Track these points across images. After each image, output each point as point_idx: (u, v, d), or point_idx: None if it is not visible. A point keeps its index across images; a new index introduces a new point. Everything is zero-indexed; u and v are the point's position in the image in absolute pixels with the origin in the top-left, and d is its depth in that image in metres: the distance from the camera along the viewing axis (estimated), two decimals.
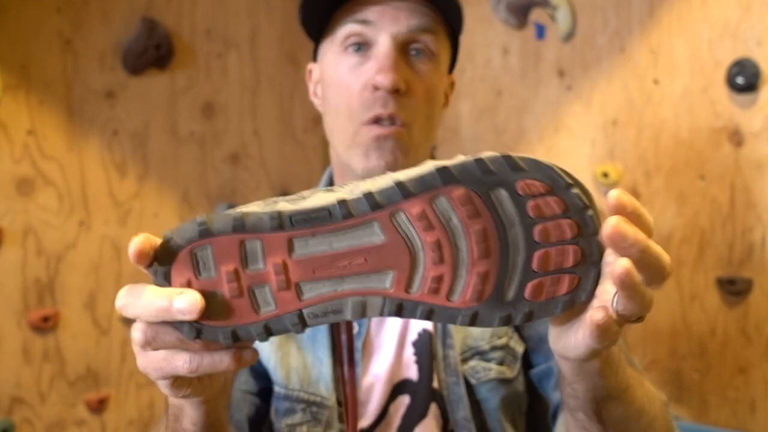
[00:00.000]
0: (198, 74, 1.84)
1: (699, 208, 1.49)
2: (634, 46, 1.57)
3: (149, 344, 0.44)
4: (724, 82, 1.44)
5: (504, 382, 0.77)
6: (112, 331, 1.69)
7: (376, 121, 0.71)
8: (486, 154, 0.43)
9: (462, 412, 0.75)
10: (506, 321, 0.44)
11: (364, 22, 0.72)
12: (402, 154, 0.72)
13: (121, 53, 1.70)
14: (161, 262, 0.43)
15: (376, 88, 0.71)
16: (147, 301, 0.42)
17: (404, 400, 0.77)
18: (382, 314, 0.43)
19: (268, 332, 0.43)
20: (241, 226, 0.42)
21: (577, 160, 1.68)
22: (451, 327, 0.77)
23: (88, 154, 1.66)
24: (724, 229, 1.46)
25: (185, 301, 0.41)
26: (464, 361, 0.77)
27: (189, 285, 0.43)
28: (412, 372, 0.77)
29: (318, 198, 0.43)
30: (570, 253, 0.44)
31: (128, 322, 1.70)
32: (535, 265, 0.43)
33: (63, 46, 1.63)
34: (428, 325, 0.78)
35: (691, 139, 1.50)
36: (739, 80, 1.40)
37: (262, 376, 0.79)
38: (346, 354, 0.77)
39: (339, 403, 0.75)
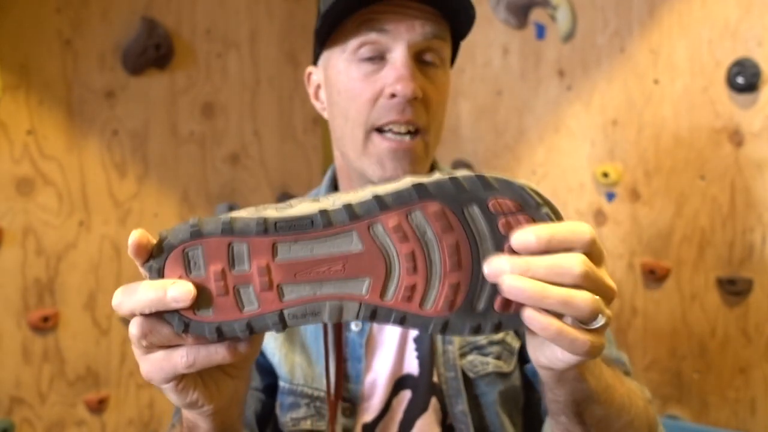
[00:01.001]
0: (198, 74, 1.84)
1: (699, 208, 1.49)
2: (634, 46, 1.57)
3: (145, 336, 0.46)
4: (724, 82, 1.44)
5: (501, 375, 0.79)
6: (112, 331, 1.69)
7: (390, 127, 0.73)
8: (460, 173, 0.46)
9: (460, 406, 0.77)
10: (476, 331, 0.46)
11: (381, 30, 0.72)
12: (418, 164, 0.74)
13: (121, 53, 1.70)
14: (156, 259, 0.46)
15: (393, 95, 0.71)
16: (142, 293, 0.45)
17: (406, 395, 0.79)
18: (357, 318, 0.46)
19: (250, 329, 0.46)
20: (229, 229, 0.45)
21: (577, 160, 1.68)
22: None
23: (88, 154, 1.66)
24: (724, 229, 1.46)
25: (178, 290, 0.45)
26: (462, 355, 0.79)
27: None
28: (413, 367, 0.79)
29: (303, 207, 0.47)
30: None
31: (128, 322, 1.70)
32: None
33: (63, 46, 1.63)
34: None
35: (691, 139, 1.50)
36: (740, 80, 1.40)
37: (267, 372, 0.80)
38: (333, 348, 0.78)
39: (343, 398, 0.77)
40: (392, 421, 0.79)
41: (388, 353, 0.80)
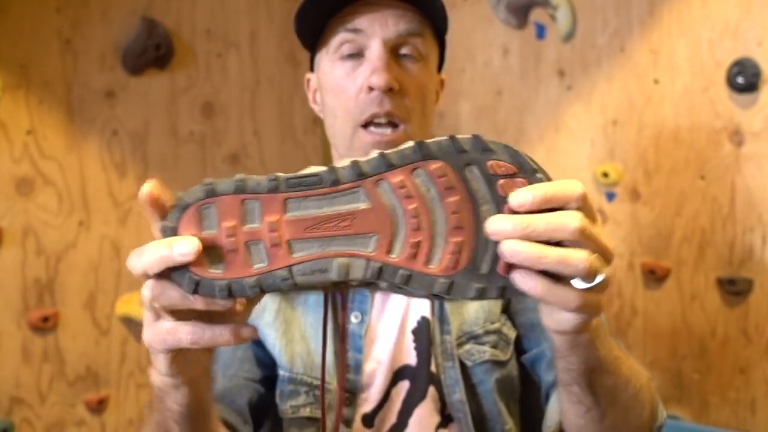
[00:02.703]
0: (198, 74, 1.84)
1: (699, 208, 1.49)
2: (634, 46, 1.57)
3: (156, 299, 0.48)
4: (724, 82, 1.44)
5: (497, 364, 0.82)
6: (112, 331, 1.69)
7: (373, 121, 0.77)
8: (460, 135, 0.47)
9: (457, 394, 0.80)
10: (481, 293, 0.47)
11: (355, 30, 0.77)
12: None
13: (121, 53, 1.70)
14: (170, 218, 0.48)
15: (371, 89, 0.75)
16: (151, 251, 0.47)
17: (404, 385, 0.81)
18: (364, 276, 0.47)
19: (260, 287, 0.47)
20: (242, 187, 0.47)
21: (577, 160, 1.68)
22: (449, 313, 0.82)
23: (88, 154, 1.66)
24: (724, 229, 1.46)
25: (184, 244, 0.46)
26: (460, 345, 0.82)
27: None
28: (411, 358, 0.82)
29: (312, 168, 0.49)
30: None
31: (127, 322, 1.70)
32: None
33: (63, 46, 1.63)
34: (426, 312, 0.83)
35: (691, 139, 1.50)
36: (740, 80, 1.40)
37: (266, 365, 0.83)
38: (334, 339, 0.80)
39: (342, 388, 0.79)
40: (391, 411, 0.81)
41: (387, 344, 0.82)
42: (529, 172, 0.47)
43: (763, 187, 1.41)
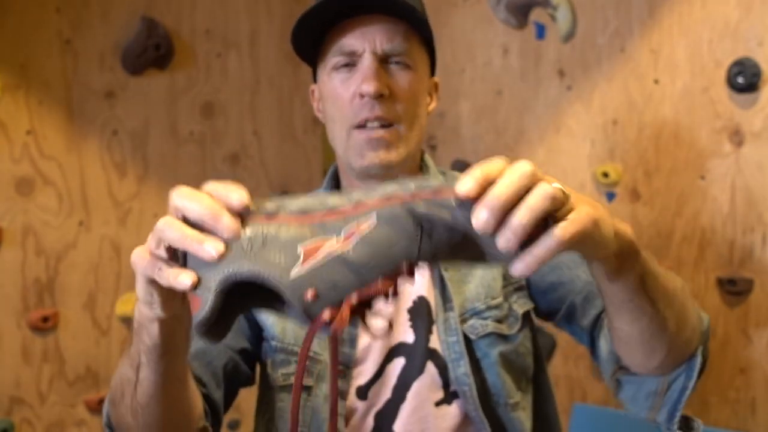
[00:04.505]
0: (198, 74, 1.84)
1: (699, 208, 1.49)
2: (634, 46, 1.57)
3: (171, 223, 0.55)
4: (724, 82, 1.44)
5: (501, 337, 0.87)
6: (112, 331, 1.69)
7: (365, 124, 0.84)
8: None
9: (462, 368, 0.84)
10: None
11: (349, 54, 0.85)
12: (394, 149, 0.85)
13: (121, 53, 1.70)
14: None
15: (362, 95, 0.83)
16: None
17: (400, 362, 0.86)
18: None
19: None
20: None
21: (577, 160, 1.68)
22: (451, 291, 0.87)
23: (88, 154, 1.66)
24: (724, 229, 1.46)
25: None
26: (463, 321, 0.86)
27: None
28: (407, 336, 0.87)
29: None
30: None
31: (128, 322, 1.69)
32: None
33: (63, 46, 1.63)
34: (424, 292, 0.88)
35: (691, 139, 1.50)
36: (740, 80, 1.40)
37: (248, 338, 0.89)
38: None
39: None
40: (385, 386, 0.85)
41: (380, 321, 0.87)
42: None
43: (763, 187, 1.41)
